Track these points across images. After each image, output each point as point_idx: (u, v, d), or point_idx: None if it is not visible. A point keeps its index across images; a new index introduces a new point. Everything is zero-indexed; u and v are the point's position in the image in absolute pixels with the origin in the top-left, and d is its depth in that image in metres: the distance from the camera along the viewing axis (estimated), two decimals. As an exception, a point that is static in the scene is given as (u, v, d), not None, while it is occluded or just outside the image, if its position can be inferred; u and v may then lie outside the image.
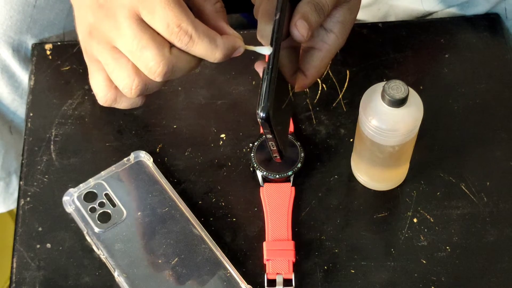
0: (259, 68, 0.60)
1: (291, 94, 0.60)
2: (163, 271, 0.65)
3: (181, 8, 0.52)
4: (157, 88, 0.57)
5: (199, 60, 0.55)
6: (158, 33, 0.52)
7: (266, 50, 0.55)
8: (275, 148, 0.57)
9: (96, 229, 0.66)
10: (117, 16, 0.52)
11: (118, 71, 0.54)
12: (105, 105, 0.59)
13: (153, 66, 0.53)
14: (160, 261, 0.65)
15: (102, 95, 0.58)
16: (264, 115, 0.52)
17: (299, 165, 0.70)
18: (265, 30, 0.58)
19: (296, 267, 0.66)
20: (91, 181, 0.69)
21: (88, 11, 0.54)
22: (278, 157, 0.58)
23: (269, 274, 0.65)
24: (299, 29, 0.57)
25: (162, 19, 0.51)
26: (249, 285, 0.64)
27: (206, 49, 0.53)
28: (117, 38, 0.53)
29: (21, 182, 0.71)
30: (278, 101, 0.55)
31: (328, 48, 0.61)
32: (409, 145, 0.66)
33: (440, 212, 0.69)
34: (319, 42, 0.61)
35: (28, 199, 0.70)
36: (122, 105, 0.59)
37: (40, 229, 0.69)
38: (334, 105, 0.75)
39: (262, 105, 0.52)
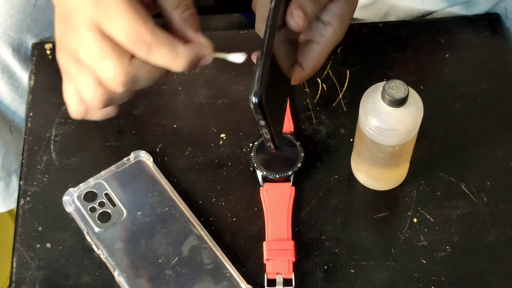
0: (254, 56, 0.59)
1: (282, 85, 0.60)
2: (163, 270, 0.65)
3: (139, 17, 0.51)
4: (125, 98, 0.56)
5: (163, 70, 0.54)
6: (119, 44, 0.52)
7: (239, 58, 0.54)
8: (268, 136, 0.56)
9: (96, 229, 0.66)
10: (78, 28, 0.52)
11: (82, 82, 0.55)
12: (77, 117, 0.59)
13: (112, 76, 0.52)
14: (160, 260, 0.65)
15: (73, 108, 0.58)
16: (256, 100, 0.51)
17: (299, 165, 0.70)
18: (263, 22, 0.58)
19: (296, 267, 0.66)
20: (91, 181, 0.69)
21: (57, 25, 0.55)
22: (273, 147, 0.58)
23: (269, 274, 0.65)
24: (295, 18, 0.57)
25: (121, 28, 0.51)
26: (249, 285, 0.64)
27: (167, 58, 0.52)
28: (80, 49, 0.53)
29: (21, 182, 0.71)
30: (273, 89, 0.54)
31: (325, 41, 0.61)
32: (409, 145, 0.66)
33: (440, 212, 0.69)
34: (317, 35, 0.61)
35: (28, 198, 0.70)
36: (95, 116, 0.59)
37: (40, 228, 0.69)
38: (334, 105, 0.75)
39: (254, 90, 0.51)
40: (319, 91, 0.76)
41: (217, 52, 0.55)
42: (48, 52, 0.79)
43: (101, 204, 0.68)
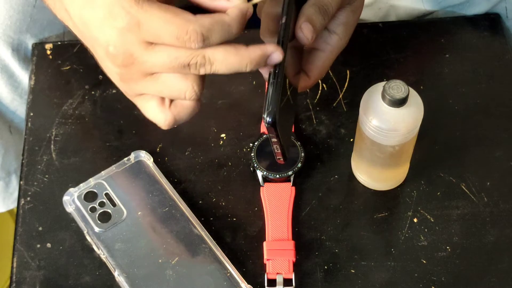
0: (263, 69, 0.59)
1: (290, 97, 0.60)
2: (163, 270, 0.65)
3: (178, 17, 0.51)
4: (204, 81, 0.56)
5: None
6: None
7: None
8: (279, 151, 0.57)
9: (96, 229, 0.66)
10: (135, 55, 0.52)
11: (174, 88, 0.55)
12: (169, 127, 0.59)
13: (194, 61, 0.52)
14: (160, 260, 0.65)
15: (163, 121, 0.58)
16: (270, 120, 0.52)
17: (299, 165, 0.70)
18: (268, 29, 0.58)
19: (296, 267, 0.66)
20: (91, 181, 0.69)
21: (107, 62, 0.55)
22: (282, 159, 0.59)
23: (269, 274, 0.65)
24: (304, 32, 0.57)
25: (169, 36, 0.51)
26: (249, 285, 0.64)
27: (222, 34, 0.52)
28: (150, 67, 0.53)
29: (21, 182, 0.71)
30: (284, 105, 0.55)
31: (330, 49, 0.61)
32: (409, 145, 0.66)
33: (440, 212, 0.69)
34: (322, 43, 0.61)
35: (29, 198, 0.70)
36: (183, 119, 0.59)
37: (40, 228, 0.69)
38: (334, 105, 0.75)
39: (268, 109, 0.52)
40: (319, 91, 0.76)
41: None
42: (48, 52, 0.79)
43: (101, 204, 0.68)
